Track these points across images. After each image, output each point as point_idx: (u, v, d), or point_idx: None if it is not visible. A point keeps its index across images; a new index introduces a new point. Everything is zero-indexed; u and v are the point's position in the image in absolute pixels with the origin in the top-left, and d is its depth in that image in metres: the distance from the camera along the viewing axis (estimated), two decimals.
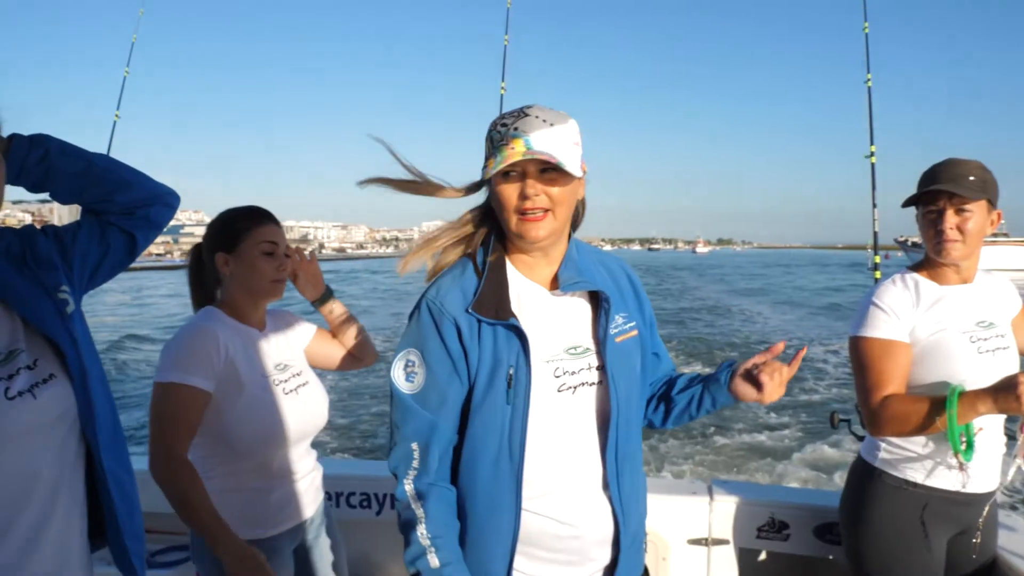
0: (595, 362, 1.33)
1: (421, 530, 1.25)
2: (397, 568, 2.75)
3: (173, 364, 1.59)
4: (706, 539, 2.40)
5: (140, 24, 2.95)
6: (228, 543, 1.53)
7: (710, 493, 2.44)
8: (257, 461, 1.70)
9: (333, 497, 2.57)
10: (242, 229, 1.70)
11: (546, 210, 1.26)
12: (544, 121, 1.24)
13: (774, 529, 2.37)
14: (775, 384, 1.27)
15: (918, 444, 1.81)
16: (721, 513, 2.40)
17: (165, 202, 1.37)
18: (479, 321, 1.27)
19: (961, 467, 1.73)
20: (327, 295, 1.94)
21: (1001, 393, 1.58)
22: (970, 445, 1.71)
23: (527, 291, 1.32)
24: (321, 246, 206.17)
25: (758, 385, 1.28)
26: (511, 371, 1.25)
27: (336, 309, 1.95)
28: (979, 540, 1.83)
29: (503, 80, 3.10)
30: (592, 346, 1.33)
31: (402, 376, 1.30)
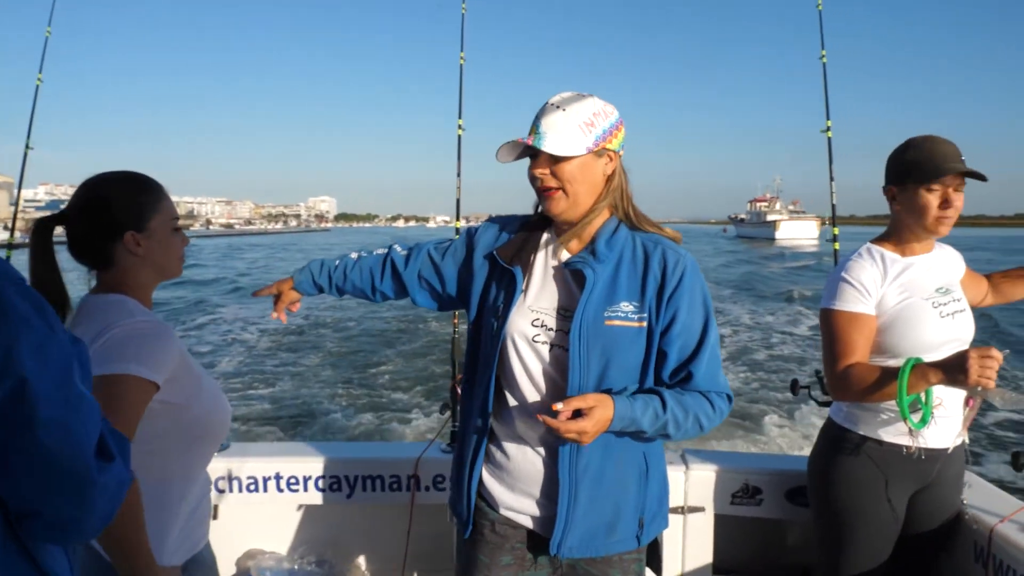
0: (567, 329, 1.45)
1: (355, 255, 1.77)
2: (367, 553, 2.64)
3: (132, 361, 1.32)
4: (682, 507, 2.43)
5: None
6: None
7: (685, 462, 2.47)
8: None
9: (300, 481, 2.43)
10: (146, 204, 1.49)
11: (558, 188, 1.43)
12: (557, 107, 1.42)
13: (747, 495, 2.44)
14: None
15: (881, 404, 1.91)
16: (696, 482, 2.44)
17: None
18: (494, 262, 1.54)
19: (911, 433, 1.85)
20: None
21: (951, 368, 1.69)
22: (927, 413, 1.82)
23: (551, 254, 1.53)
24: (208, 222, 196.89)
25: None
26: (501, 306, 1.50)
27: None
28: (939, 494, 1.96)
29: (462, 50, 3.07)
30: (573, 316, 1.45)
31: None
